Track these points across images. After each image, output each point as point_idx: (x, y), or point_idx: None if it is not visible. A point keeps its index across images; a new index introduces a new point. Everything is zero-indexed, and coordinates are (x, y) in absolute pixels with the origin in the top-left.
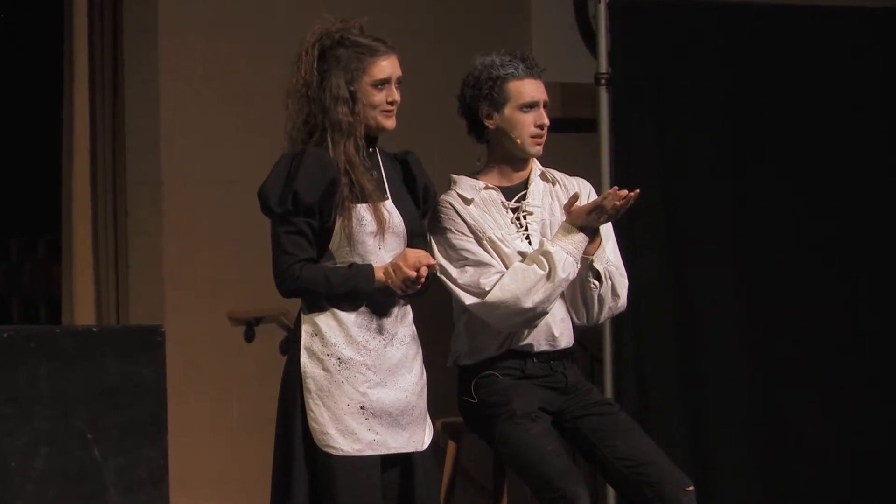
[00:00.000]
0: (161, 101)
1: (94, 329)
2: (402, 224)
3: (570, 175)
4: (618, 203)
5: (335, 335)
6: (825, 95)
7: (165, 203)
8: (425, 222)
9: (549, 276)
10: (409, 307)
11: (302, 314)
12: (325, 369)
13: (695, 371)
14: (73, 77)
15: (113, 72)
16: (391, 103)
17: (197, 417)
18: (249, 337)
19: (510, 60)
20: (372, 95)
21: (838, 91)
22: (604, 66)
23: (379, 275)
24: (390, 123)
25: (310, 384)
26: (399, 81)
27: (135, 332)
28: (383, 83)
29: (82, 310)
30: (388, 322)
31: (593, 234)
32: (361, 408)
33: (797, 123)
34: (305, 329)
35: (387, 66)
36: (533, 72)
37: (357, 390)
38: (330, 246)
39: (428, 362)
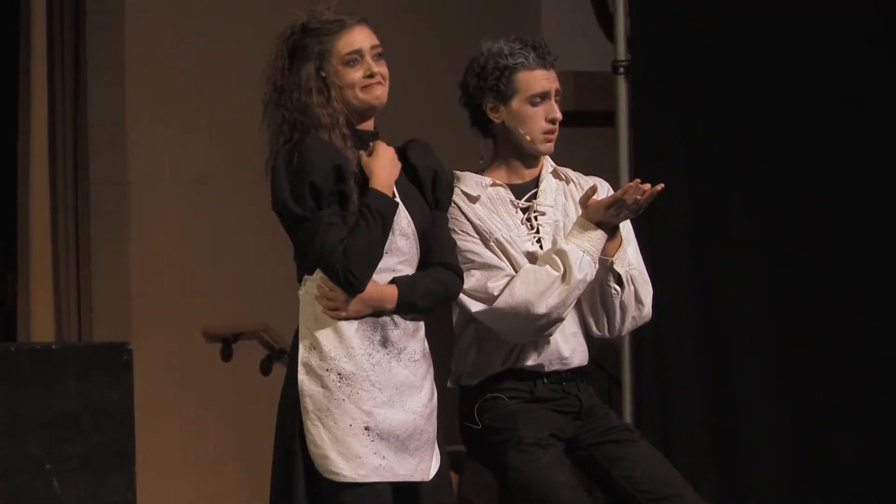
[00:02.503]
0: (127, 91)
1: (54, 346)
2: (412, 224)
3: (586, 175)
4: (639, 197)
5: (334, 348)
6: (863, 79)
7: (132, 205)
8: (442, 214)
9: (564, 278)
10: (421, 322)
11: (299, 327)
12: (324, 386)
13: (723, 393)
14: (29, 64)
15: (74, 58)
16: (371, 76)
17: (168, 445)
18: (227, 355)
19: (520, 49)
20: (345, 74)
21: (874, 74)
22: (622, 52)
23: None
24: (374, 96)
25: (307, 403)
26: (379, 54)
27: (99, 349)
28: (353, 59)
29: (40, 325)
30: (394, 334)
31: (612, 232)
32: (366, 428)
33: (837, 113)
34: (303, 343)
35: (354, 39)
36: (545, 62)
37: (361, 409)
38: None
39: None
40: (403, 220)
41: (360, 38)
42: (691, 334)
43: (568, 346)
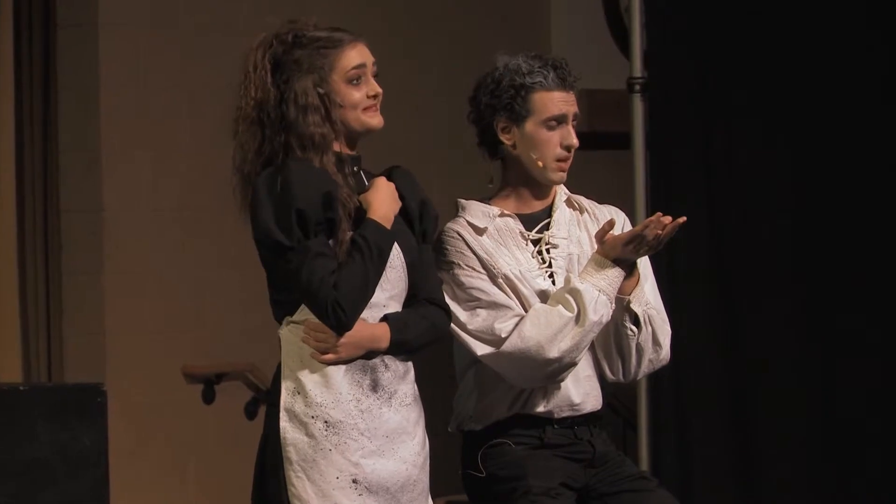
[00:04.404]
0: (101, 113)
1: (22, 388)
2: (401, 257)
3: (601, 203)
4: (660, 232)
5: (321, 393)
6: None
7: (106, 235)
8: (428, 247)
9: (577, 320)
10: (410, 363)
11: (281, 369)
12: (310, 435)
13: (749, 440)
14: None
15: (44, 76)
16: (374, 97)
17: (145, 494)
18: (209, 397)
19: (539, 67)
20: (348, 93)
21: None
22: (638, 68)
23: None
24: (378, 121)
25: (291, 453)
26: (376, 73)
27: (70, 391)
28: (358, 75)
29: (7, 364)
30: (385, 377)
31: (630, 269)
32: (354, 481)
33: (871, 130)
34: (286, 386)
35: (356, 55)
36: (565, 83)
37: (348, 460)
38: None
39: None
40: (394, 251)
41: (363, 55)
42: (714, 375)
43: (580, 391)
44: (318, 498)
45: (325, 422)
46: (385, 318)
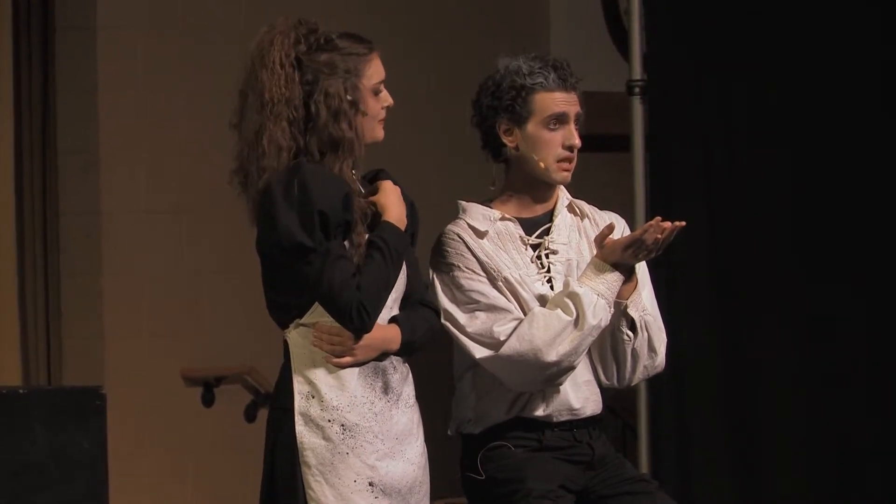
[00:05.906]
0: (100, 116)
1: (21, 391)
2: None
3: (601, 209)
4: (660, 236)
5: (336, 397)
6: None
7: (105, 237)
8: (414, 249)
9: (576, 323)
10: (408, 365)
11: (292, 370)
12: (327, 438)
13: (749, 443)
14: None
15: (42, 78)
16: (386, 109)
17: (144, 497)
18: (208, 400)
19: (540, 68)
20: (372, 103)
21: None
22: (638, 71)
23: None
24: (382, 134)
25: (309, 457)
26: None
27: (69, 394)
28: (379, 88)
29: (6, 367)
30: (394, 379)
31: (628, 274)
32: (370, 484)
33: (873, 134)
34: (299, 389)
35: (380, 66)
36: (566, 84)
37: (365, 463)
38: None
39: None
40: None
41: (382, 67)
42: (713, 379)
43: (579, 395)
44: (337, 501)
45: (342, 425)
46: (393, 320)
